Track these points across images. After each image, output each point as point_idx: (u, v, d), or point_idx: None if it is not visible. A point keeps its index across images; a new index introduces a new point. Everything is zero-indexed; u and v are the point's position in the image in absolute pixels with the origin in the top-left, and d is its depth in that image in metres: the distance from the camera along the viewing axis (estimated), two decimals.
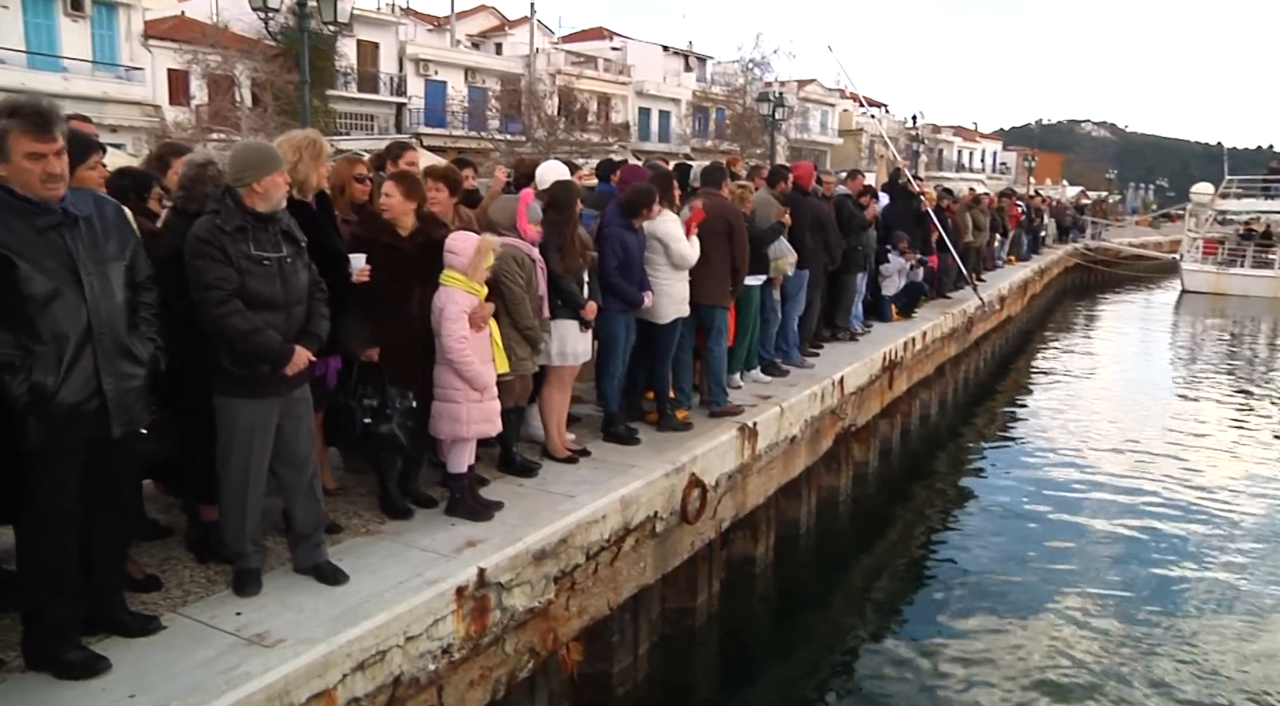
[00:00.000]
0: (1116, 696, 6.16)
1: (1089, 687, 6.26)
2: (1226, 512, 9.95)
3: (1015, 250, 24.18)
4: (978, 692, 6.16)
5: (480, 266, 4.88)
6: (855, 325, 11.08)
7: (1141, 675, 6.43)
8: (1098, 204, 56.70)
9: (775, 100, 32.69)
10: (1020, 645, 6.84)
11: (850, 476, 9.52)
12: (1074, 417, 14.18)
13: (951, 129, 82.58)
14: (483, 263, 4.88)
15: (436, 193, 5.49)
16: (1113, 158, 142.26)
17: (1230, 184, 34.11)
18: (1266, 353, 22.83)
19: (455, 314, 4.82)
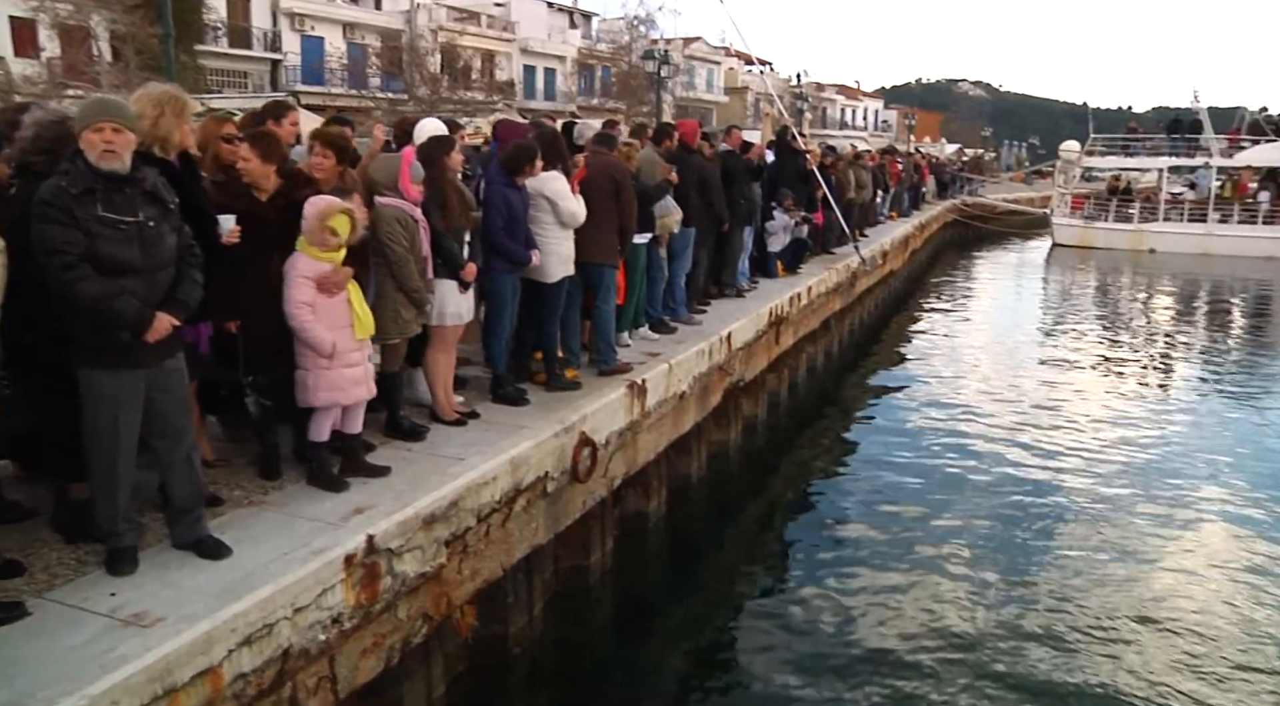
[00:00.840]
0: (996, 636, 6.42)
1: (970, 630, 6.50)
2: (1098, 453, 10.45)
3: (897, 206, 24.78)
4: (867, 639, 6.34)
5: (321, 231, 4.70)
6: (742, 282, 11.21)
7: (1019, 617, 6.70)
8: (975, 161, 58.51)
9: (660, 58, 32.62)
10: (906, 590, 7.06)
11: (739, 430, 9.68)
12: (954, 367, 14.71)
13: (835, 87, 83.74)
14: (325, 227, 4.69)
15: (323, 160, 5.32)
16: (988, 116, 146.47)
17: (1095, 142, 35.56)
18: (1129, 301, 24.02)
19: (294, 279, 4.69)
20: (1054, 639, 6.37)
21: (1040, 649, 6.24)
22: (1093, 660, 6.12)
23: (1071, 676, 5.92)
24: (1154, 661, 6.12)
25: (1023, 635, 6.43)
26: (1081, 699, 5.70)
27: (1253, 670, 6.03)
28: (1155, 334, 19.06)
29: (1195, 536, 8.31)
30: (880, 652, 6.16)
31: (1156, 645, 6.35)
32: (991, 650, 6.23)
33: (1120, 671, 5.98)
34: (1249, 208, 31.18)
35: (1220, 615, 6.78)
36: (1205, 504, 9.07)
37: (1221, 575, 7.48)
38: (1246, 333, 20.33)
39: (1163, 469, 10.06)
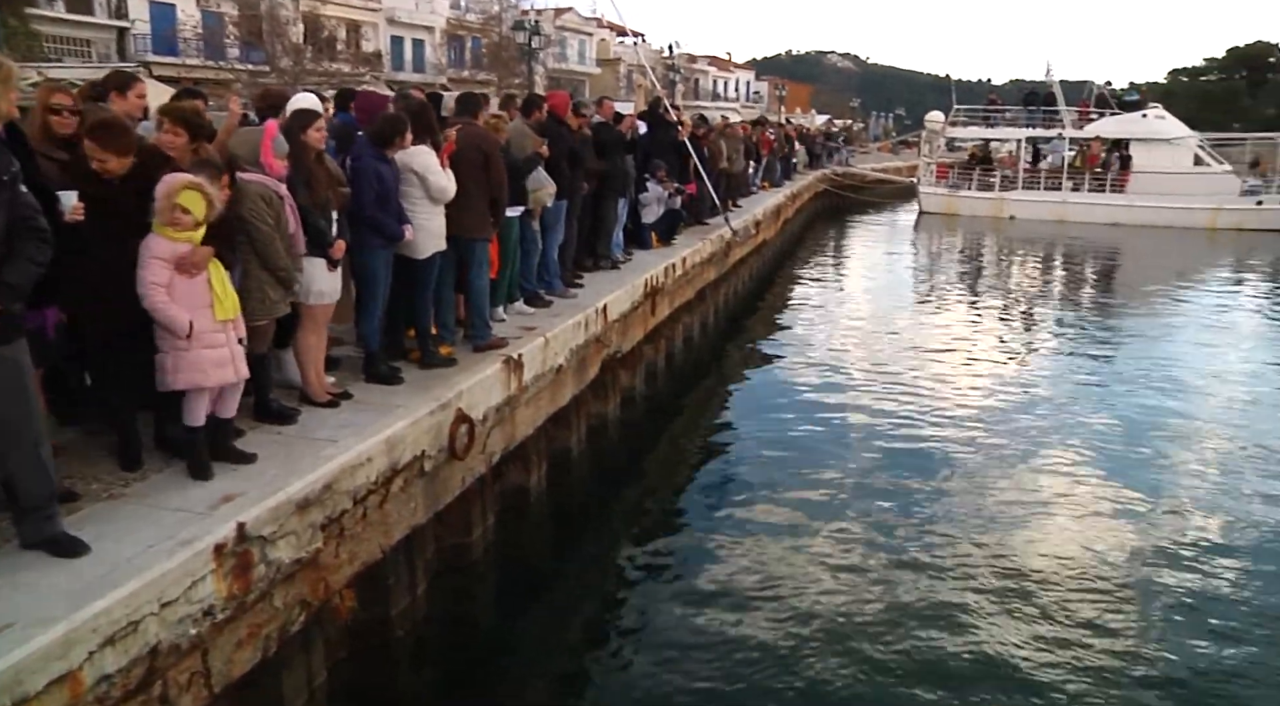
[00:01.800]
0: (880, 593, 6.64)
1: (854, 589, 6.68)
2: (971, 409, 10.90)
3: (769, 176, 25.17)
4: (753, 604, 6.45)
5: (171, 210, 4.50)
6: (617, 253, 11.25)
7: (901, 574, 6.92)
8: (845, 131, 59.76)
9: (531, 29, 32.33)
10: (790, 554, 7.21)
11: (618, 402, 9.73)
12: (829, 333, 15.10)
13: (707, 59, 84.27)
14: (174, 206, 4.50)
15: (174, 137, 5.09)
16: (856, 88, 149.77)
17: (958, 113, 36.83)
18: (992, 266, 25.13)
19: (148, 260, 4.50)
20: (936, 596, 6.60)
21: (924, 607, 6.45)
22: (974, 612, 6.39)
23: (952, 632, 6.18)
24: (1027, 607, 6.44)
25: (904, 593, 6.64)
26: (964, 652, 5.96)
27: (1119, 608, 6.42)
28: (1017, 296, 19.95)
29: (1062, 483, 8.75)
30: (767, 618, 6.28)
31: (1033, 592, 6.67)
32: (876, 607, 6.42)
33: (1000, 626, 6.29)
34: (1098, 177, 32.80)
35: (1089, 555, 7.18)
36: (1070, 452, 9.59)
37: (1087, 518, 7.92)
38: (1098, 292, 21.54)
39: (1029, 420, 10.58)
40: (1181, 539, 7.57)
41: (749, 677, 5.61)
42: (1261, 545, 7.49)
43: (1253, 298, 20.33)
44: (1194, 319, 17.38)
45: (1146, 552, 7.33)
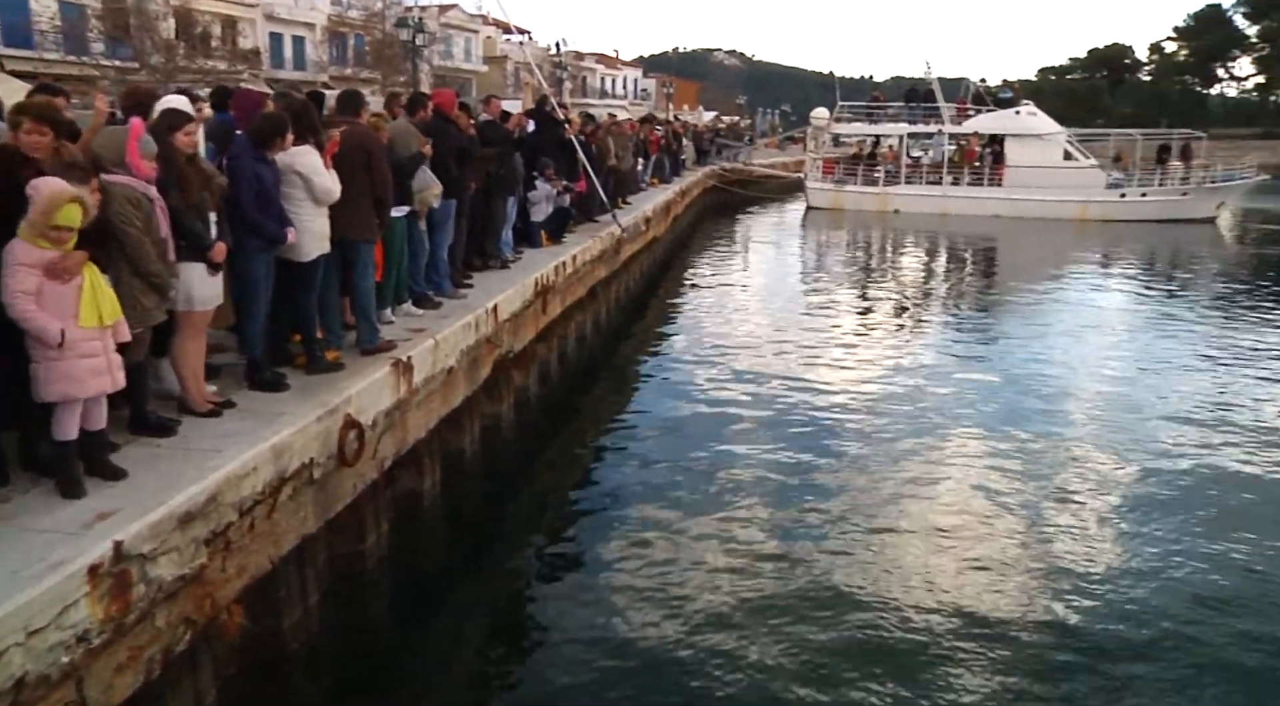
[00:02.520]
0: (777, 582, 6.75)
1: (752, 580, 6.77)
2: (861, 401, 11.14)
3: (658, 173, 25.33)
4: (653, 600, 6.47)
5: (45, 222, 4.30)
6: (506, 252, 11.16)
7: (792, 571, 7.00)
8: (733, 127, 60.50)
9: (415, 26, 31.78)
10: (689, 548, 7.25)
11: (512, 403, 9.66)
12: (722, 326, 15.27)
13: (594, 56, 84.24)
14: (50, 217, 4.30)
15: (39, 137, 4.83)
16: (743, 85, 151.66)
17: (842, 109, 37.68)
18: (879, 258, 25.85)
19: (13, 268, 4.29)
20: (827, 585, 6.73)
21: (816, 597, 6.56)
22: (864, 600, 6.54)
23: (844, 621, 6.31)
24: (916, 594, 6.63)
25: (797, 585, 6.76)
26: (865, 634, 6.11)
27: (1002, 588, 6.66)
28: (904, 287, 20.53)
29: (950, 467, 9.04)
30: (667, 616, 6.29)
31: (922, 578, 6.87)
32: (772, 600, 6.50)
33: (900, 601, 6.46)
34: (976, 171, 33.98)
35: (980, 541, 7.43)
36: (957, 435, 9.93)
37: (976, 502, 8.19)
38: (980, 283, 22.35)
39: (917, 407, 10.91)
40: (1060, 515, 7.92)
41: (650, 676, 5.64)
42: (1141, 520, 7.88)
43: (1120, 285, 21.41)
44: (1069, 305, 18.23)
45: (1026, 531, 7.64)
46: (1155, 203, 33.05)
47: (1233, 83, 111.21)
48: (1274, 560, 7.17)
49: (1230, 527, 7.73)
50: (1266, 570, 7.00)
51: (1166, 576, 6.90)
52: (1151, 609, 6.44)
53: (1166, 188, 33.37)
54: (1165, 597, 6.59)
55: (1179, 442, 9.83)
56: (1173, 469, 9.06)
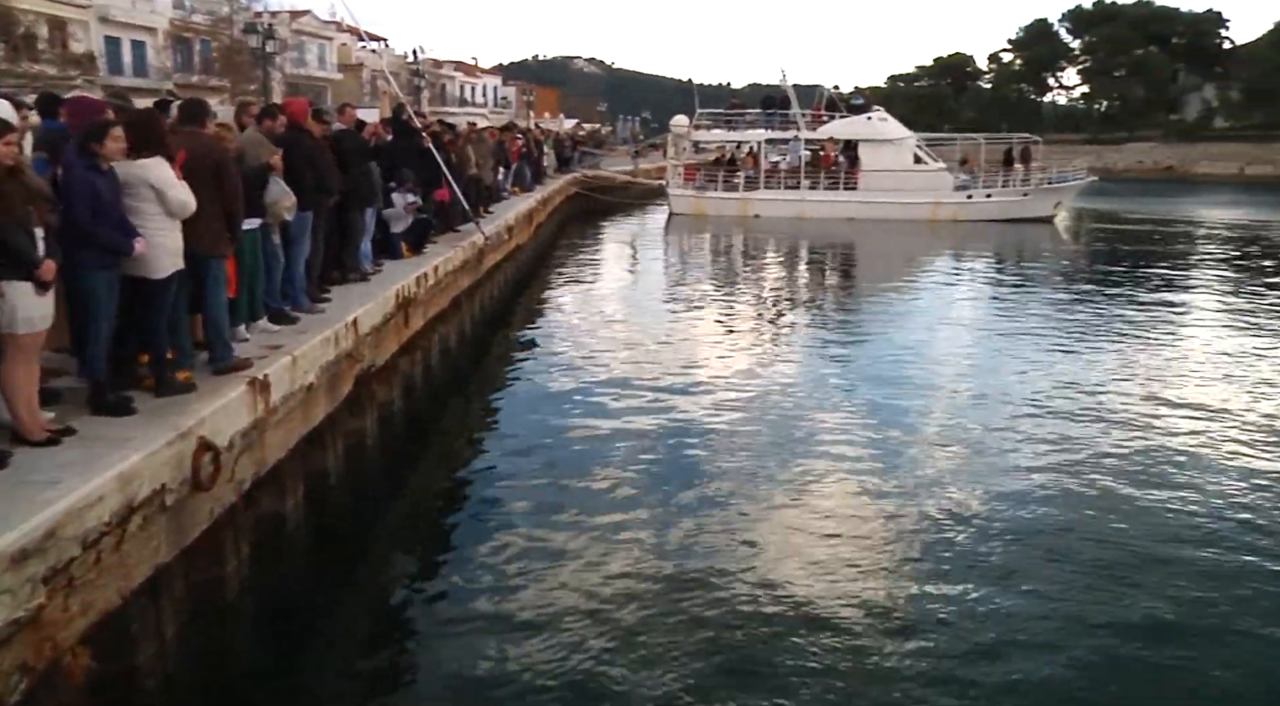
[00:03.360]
0: (659, 587, 6.78)
1: (625, 604, 6.67)
2: (729, 404, 11.28)
3: (519, 181, 25.19)
4: (523, 627, 6.31)
5: None
6: (366, 265, 10.91)
7: (664, 579, 6.99)
8: (593, 135, 60.72)
9: (265, 32, 30.80)
10: (559, 568, 7.14)
11: (375, 418, 9.43)
12: (587, 336, 15.26)
13: (453, 64, 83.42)
14: None
15: None
16: (603, 92, 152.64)
17: (701, 117, 38.27)
18: (741, 262, 26.43)
19: None
20: (703, 595, 6.74)
21: (694, 607, 6.57)
22: (742, 610, 6.63)
23: (724, 630, 6.39)
24: (790, 596, 6.76)
25: (682, 580, 6.83)
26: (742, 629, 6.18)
27: (875, 584, 6.85)
28: (767, 290, 21.03)
29: (820, 465, 9.24)
30: (542, 634, 6.20)
31: (793, 578, 7.01)
32: (647, 611, 6.49)
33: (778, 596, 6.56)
34: (832, 175, 35.03)
35: (852, 541, 7.63)
36: (826, 434, 10.21)
37: (849, 504, 8.39)
38: (841, 283, 23.28)
39: (783, 408, 11.16)
40: (924, 509, 8.20)
41: (524, 696, 5.57)
42: (1000, 510, 8.23)
43: (972, 281, 22.62)
44: (927, 302, 19.20)
45: (895, 525, 7.88)
46: (999, 203, 34.82)
47: (1062, 91, 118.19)
48: (1120, 539, 7.60)
49: (1082, 508, 8.21)
50: (1111, 554, 7.42)
51: (1022, 568, 7.23)
52: (1003, 602, 6.73)
53: (1009, 189, 35.21)
54: (1021, 588, 6.90)
55: (1033, 430, 10.37)
56: (1030, 459, 9.54)
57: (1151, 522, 8.00)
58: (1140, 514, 8.17)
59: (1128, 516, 8.10)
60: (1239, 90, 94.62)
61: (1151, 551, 7.43)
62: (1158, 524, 7.98)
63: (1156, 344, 15.12)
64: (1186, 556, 7.37)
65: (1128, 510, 8.24)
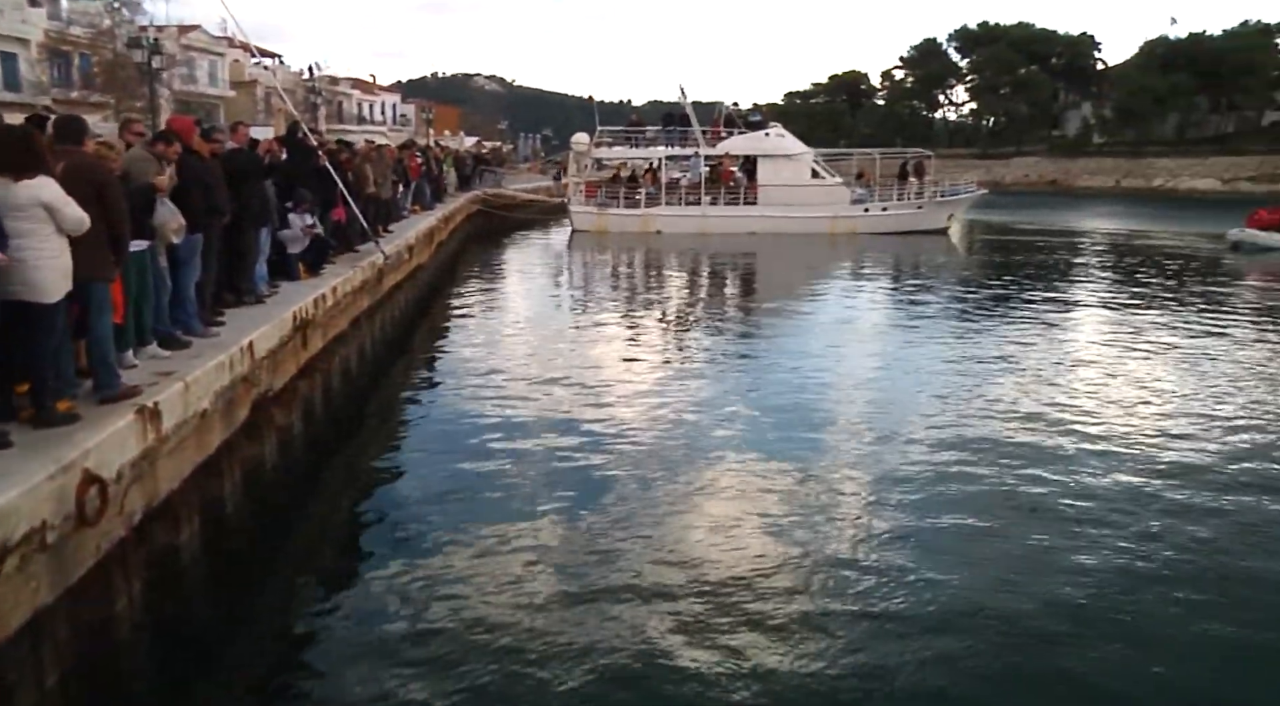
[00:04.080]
0: (565, 628, 6.63)
1: (542, 628, 6.55)
2: (636, 419, 11.26)
3: (419, 200, 24.91)
4: (438, 655, 6.18)
5: None
6: (261, 287, 10.63)
7: (580, 600, 6.90)
8: (495, 152, 60.44)
9: (150, 46, 29.84)
10: (473, 590, 7.01)
11: (275, 443, 9.17)
12: (491, 355, 15.09)
13: (350, 81, 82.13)
14: None
15: None
16: (504, 109, 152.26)
17: (602, 134, 38.41)
18: (645, 279, 26.53)
19: None
20: (617, 614, 6.69)
21: (608, 628, 6.51)
22: (658, 624, 6.59)
23: (639, 645, 6.35)
24: (705, 610, 6.76)
25: (589, 599, 6.76)
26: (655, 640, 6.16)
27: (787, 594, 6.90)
28: (672, 306, 21.18)
29: (733, 479, 9.28)
30: (454, 657, 6.08)
31: (708, 593, 7.01)
32: (564, 633, 6.39)
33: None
34: (732, 191, 35.51)
35: (765, 554, 7.64)
36: (732, 444, 10.28)
37: (765, 517, 8.38)
38: (743, 296, 23.60)
39: (691, 421, 11.17)
40: (830, 518, 8.30)
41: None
42: (906, 521, 8.39)
43: (871, 292, 23.15)
44: (829, 314, 19.56)
45: (807, 533, 7.94)
46: (895, 216, 35.77)
47: (952, 107, 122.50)
48: (1017, 533, 7.83)
49: (985, 513, 8.41)
50: (1005, 547, 7.64)
51: (923, 565, 7.37)
52: (913, 610, 6.85)
53: (904, 202, 36.23)
54: (918, 585, 7.04)
55: (934, 432, 10.63)
56: (931, 467, 9.71)
57: (1044, 513, 8.39)
58: (1031, 505, 8.60)
59: (1023, 510, 8.48)
60: (1112, 109, 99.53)
61: (1043, 542, 7.75)
62: (1049, 513, 8.38)
63: (1045, 343, 15.88)
64: (1077, 545, 7.69)
65: (1023, 504, 8.62)
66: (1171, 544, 7.77)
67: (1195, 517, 8.32)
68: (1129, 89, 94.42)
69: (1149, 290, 23.11)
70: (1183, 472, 9.44)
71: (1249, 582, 7.14)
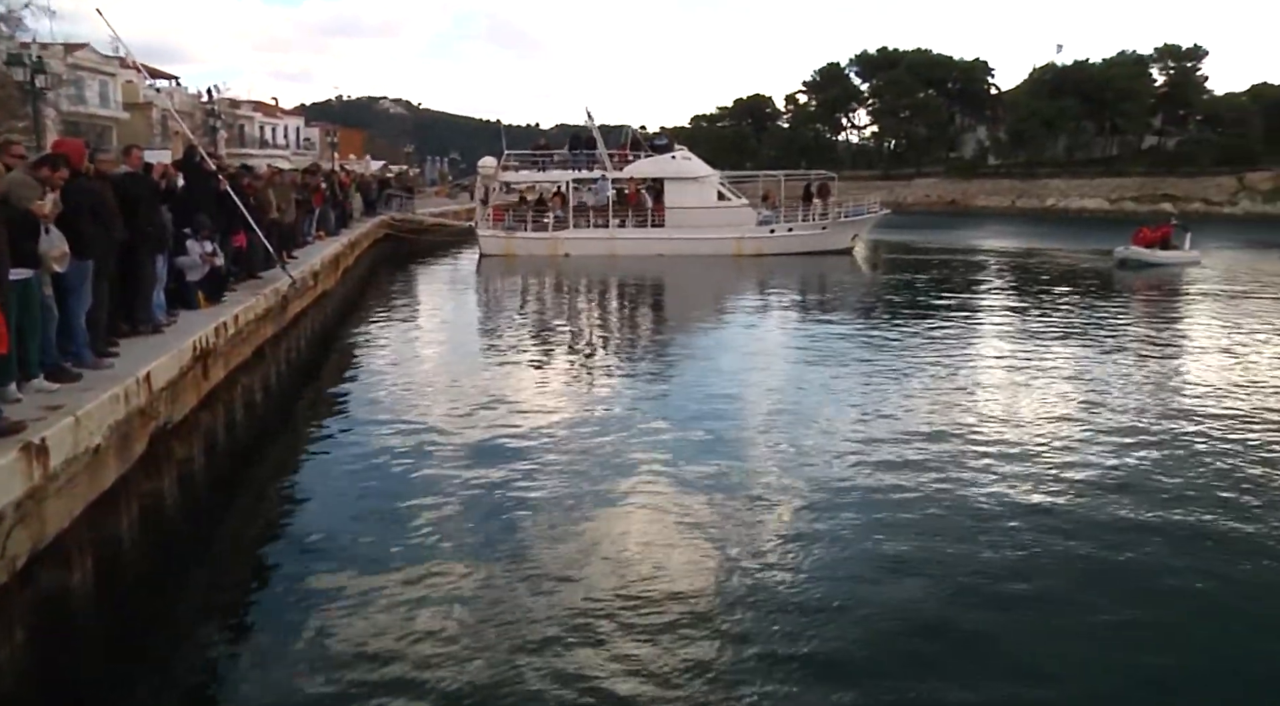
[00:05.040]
0: (483, 655, 6.52)
1: (443, 641, 6.53)
2: (548, 444, 11.18)
3: (324, 225, 24.45)
4: (346, 678, 6.07)
5: None
6: (159, 316, 10.25)
7: (497, 625, 6.80)
8: (402, 176, 59.75)
9: (34, 65, 28.68)
10: (382, 622, 6.83)
11: (175, 478, 8.81)
12: (400, 382, 14.81)
13: (251, 104, 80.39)
14: None
15: None
16: (411, 133, 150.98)
17: (509, 157, 38.28)
18: (554, 302, 26.47)
19: None
20: (532, 636, 6.61)
21: (522, 654, 6.43)
22: (568, 652, 6.52)
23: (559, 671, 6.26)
24: (615, 634, 6.69)
25: (503, 626, 6.66)
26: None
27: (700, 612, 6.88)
28: (582, 328, 21.18)
29: (641, 497, 9.33)
30: (362, 684, 5.96)
31: (619, 615, 6.95)
32: (482, 660, 6.29)
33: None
34: (640, 213, 35.71)
35: (678, 578, 7.61)
36: (644, 465, 10.27)
37: (676, 541, 8.39)
38: (653, 318, 23.73)
39: (604, 443, 11.13)
40: (745, 533, 8.34)
41: None
42: (818, 536, 8.47)
43: (779, 312, 23.53)
44: (739, 334, 19.83)
45: (717, 554, 7.96)
46: (800, 236, 36.38)
47: (854, 130, 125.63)
48: (926, 545, 7.98)
49: (894, 523, 8.58)
50: (901, 549, 7.79)
51: (838, 588, 7.45)
52: (825, 619, 6.92)
53: (809, 223, 36.87)
54: (840, 606, 7.11)
55: (844, 452, 10.78)
56: (843, 480, 9.89)
57: (944, 519, 8.74)
58: (927, 510, 8.97)
59: (917, 514, 8.85)
60: (1005, 132, 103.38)
61: (938, 544, 8.11)
62: (949, 520, 8.72)
63: (949, 357, 16.40)
64: (966, 551, 8.03)
65: (920, 508, 8.99)
66: (1057, 547, 8.12)
67: (1080, 520, 8.75)
68: (1020, 113, 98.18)
69: (1045, 305, 23.98)
70: (1076, 477, 9.90)
71: (1122, 578, 7.55)
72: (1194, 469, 10.19)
